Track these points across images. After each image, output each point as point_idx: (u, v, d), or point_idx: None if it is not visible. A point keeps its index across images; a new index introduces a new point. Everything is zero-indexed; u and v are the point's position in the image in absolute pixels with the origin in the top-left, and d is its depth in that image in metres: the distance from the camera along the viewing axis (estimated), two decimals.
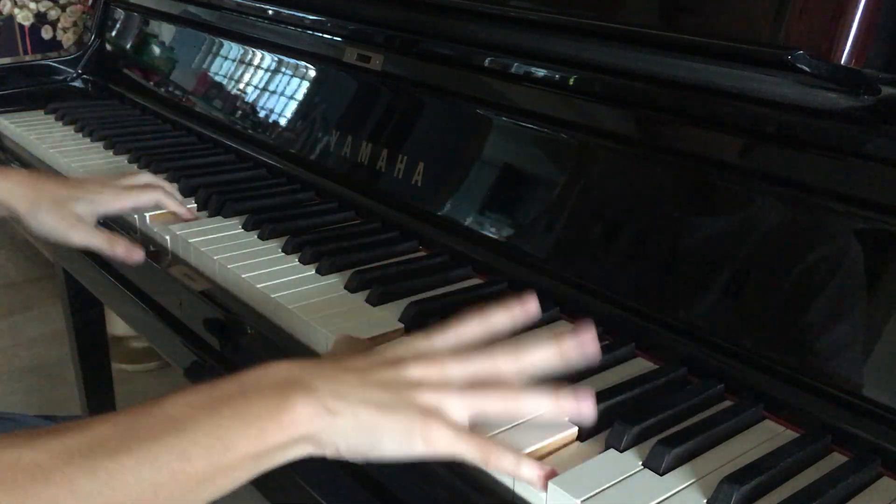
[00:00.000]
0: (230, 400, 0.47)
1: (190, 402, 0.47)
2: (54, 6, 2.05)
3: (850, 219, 0.59)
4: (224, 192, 0.99)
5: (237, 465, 0.47)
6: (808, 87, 0.62)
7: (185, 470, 0.45)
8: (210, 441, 0.46)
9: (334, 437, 0.49)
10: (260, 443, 0.47)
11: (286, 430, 0.47)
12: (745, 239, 0.64)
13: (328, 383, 0.50)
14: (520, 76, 0.84)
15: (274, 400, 0.48)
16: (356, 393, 0.50)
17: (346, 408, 0.49)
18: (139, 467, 0.44)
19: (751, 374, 0.62)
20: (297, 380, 0.49)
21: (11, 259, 2.63)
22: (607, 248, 0.72)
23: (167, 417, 0.46)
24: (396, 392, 0.51)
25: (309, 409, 0.48)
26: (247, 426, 0.47)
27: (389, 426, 0.49)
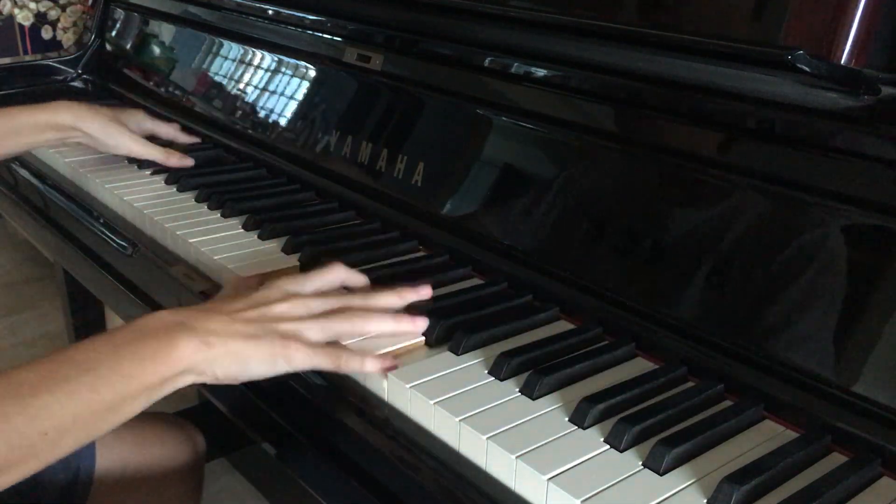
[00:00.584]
0: (127, 343, 0.59)
1: (95, 347, 0.58)
2: (54, 6, 2.05)
3: (850, 219, 0.59)
4: (224, 191, 1.00)
5: (137, 394, 0.58)
6: (808, 87, 0.62)
7: (95, 399, 0.56)
8: (114, 377, 0.57)
9: (212, 365, 0.60)
10: (155, 374, 0.58)
11: (173, 363, 0.59)
12: (744, 239, 0.64)
13: (205, 322, 0.61)
14: (520, 76, 0.84)
15: (163, 340, 0.59)
16: (227, 328, 0.61)
17: (219, 340, 0.60)
18: (59, 401, 0.54)
19: (751, 374, 0.62)
20: (181, 322, 0.60)
21: (11, 259, 2.63)
22: (607, 247, 0.72)
23: (76, 361, 0.56)
24: (261, 325, 0.63)
25: (191, 345, 0.59)
26: (142, 361, 0.58)
27: (255, 351, 0.61)
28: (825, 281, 0.59)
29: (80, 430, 0.56)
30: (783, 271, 0.61)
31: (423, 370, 0.64)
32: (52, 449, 0.55)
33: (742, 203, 0.65)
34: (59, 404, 0.54)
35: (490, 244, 0.81)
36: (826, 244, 0.60)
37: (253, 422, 0.75)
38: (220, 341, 0.60)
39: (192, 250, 0.87)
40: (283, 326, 0.63)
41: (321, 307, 0.66)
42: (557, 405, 0.61)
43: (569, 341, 0.69)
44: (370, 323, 0.67)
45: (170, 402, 2.03)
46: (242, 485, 1.62)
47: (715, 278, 0.65)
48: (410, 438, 0.60)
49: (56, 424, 0.54)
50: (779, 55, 0.58)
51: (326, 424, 0.66)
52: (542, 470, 0.53)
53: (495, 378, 0.64)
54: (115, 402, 0.57)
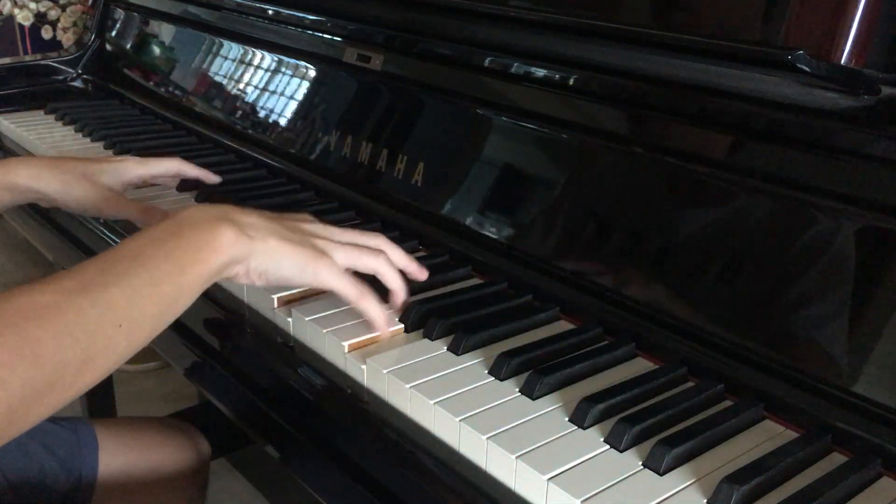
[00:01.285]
0: (174, 236, 0.61)
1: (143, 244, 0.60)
2: (54, 6, 2.04)
3: (850, 219, 0.59)
4: (224, 192, 0.99)
5: (193, 282, 0.60)
6: (808, 87, 0.62)
7: (158, 292, 0.58)
8: (170, 267, 0.59)
9: (249, 256, 0.64)
10: (205, 264, 0.61)
11: (220, 252, 0.62)
12: (744, 239, 0.64)
13: (246, 217, 0.65)
14: (520, 76, 0.84)
15: (209, 230, 0.62)
16: (266, 226, 0.65)
17: (258, 234, 0.64)
18: (126, 295, 0.56)
19: (751, 374, 0.62)
20: (222, 215, 0.63)
21: (11, 259, 2.62)
22: (607, 247, 0.72)
23: (132, 258, 0.58)
24: (294, 233, 0.67)
25: (233, 235, 0.63)
26: (193, 252, 0.61)
27: (289, 253, 0.65)
28: (825, 281, 0.59)
29: (147, 322, 0.58)
30: (783, 271, 0.61)
31: (423, 370, 0.64)
32: (128, 342, 0.57)
33: (742, 203, 0.65)
34: (126, 298, 0.56)
35: (490, 244, 0.81)
36: (826, 244, 0.60)
37: (254, 422, 0.75)
38: (259, 235, 0.64)
39: None
40: (317, 241, 0.67)
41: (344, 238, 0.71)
42: (557, 405, 0.61)
43: (569, 341, 0.69)
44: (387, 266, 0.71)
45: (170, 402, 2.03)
46: (243, 485, 1.62)
47: (715, 278, 0.65)
48: (410, 438, 0.60)
49: (128, 317, 0.56)
50: (779, 55, 0.58)
51: (327, 425, 0.66)
52: (542, 470, 0.53)
53: (495, 378, 0.64)
54: (174, 294, 0.59)
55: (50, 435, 0.89)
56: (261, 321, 0.76)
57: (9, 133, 1.30)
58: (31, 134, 1.25)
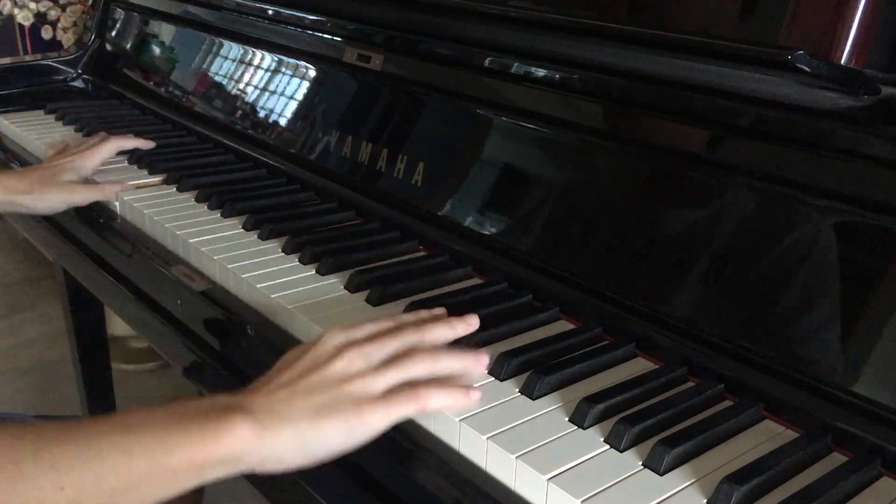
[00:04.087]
0: (177, 415, 0.52)
1: (141, 414, 0.52)
2: (54, 6, 2.05)
3: (850, 219, 0.59)
4: (224, 192, 0.99)
5: (176, 470, 0.51)
6: (808, 87, 0.62)
7: (126, 464, 0.49)
8: (153, 443, 0.50)
9: (278, 452, 0.54)
10: (200, 453, 0.51)
11: (225, 445, 0.52)
12: (745, 239, 0.64)
13: (264, 404, 0.54)
14: (520, 76, 0.84)
15: (216, 417, 0.52)
16: (290, 407, 0.54)
17: (283, 422, 0.54)
18: (83, 456, 0.48)
19: (751, 374, 0.62)
20: (237, 404, 0.54)
21: (11, 259, 2.62)
22: (608, 248, 0.72)
23: (118, 422, 0.51)
24: (325, 392, 0.56)
25: (246, 429, 0.52)
26: (189, 435, 0.51)
27: (329, 426, 0.54)
28: (825, 281, 0.59)
29: (104, 493, 0.49)
30: (783, 271, 0.61)
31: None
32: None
33: (742, 203, 0.65)
34: (82, 460, 0.48)
35: (490, 244, 0.81)
36: (826, 244, 0.60)
37: None
38: (288, 425, 0.54)
39: (191, 250, 0.87)
40: (350, 388, 0.56)
41: (381, 354, 0.59)
42: (557, 405, 0.61)
43: (569, 341, 0.69)
44: (440, 361, 0.60)
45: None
46: (243, 485, 1.62)
47: (715, 278, 0.65)
48: (410, 438, 0.60)
49: (77, 482, 0.48)
50: (779, 55, 0.58)
51: None
52: (542, 470, 0.53)
53: (495, 378, 0.64)
54: (149, 474, 0.50)
55: None
56: (261, 321, 0.76)
57: (9, 133, 1.30)
58: (31, 134, 1.25)
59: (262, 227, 0.89)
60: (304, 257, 0.83)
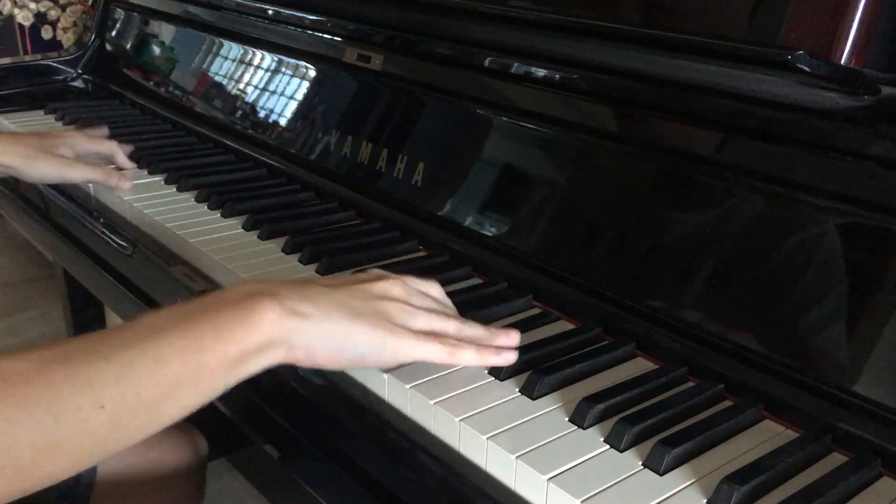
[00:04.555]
0: (202, 310, 0.50)
1: (164, 315, 0.50)
2: (54, 6, 2.05)
3: (850, 219, 0.59)
4: (224, 192, 0.99)
5: (212, 368, 0.49)
6: (808, 87, 0.62)
7: (161, 371, 0.47)
8: (184, 343, 0.48)
9: (308, 338, 0.52)
10: (232, 345, 0.49)
11: (255, 332, 0.50)
12: (745, 239, 0.64)
13: (295, 291, 0.53)
14: (520, 76, 0.84)
15: (243, 306, 0.51)
16: (326, 298, 0.53)
17: (317, 310, 0.52)
18: (116, 371, 0.46)
19: (751, 374, 0.62)
20: (264, 290, 0.52)
21: (11, 259, 2.63)
22: (608, 248, 0.72)
23: (143, 326, 0.48)
24: (364, 301, 0.55)
25: (274, 312, 0.51)
26: (218, 329, 0.49)
27: (363, 328, 0.54)
28: (825, 281, 0.59)
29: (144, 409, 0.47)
30: (783, 272, 0.61)
31: (422, 370, 0.64)
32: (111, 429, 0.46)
33: (742, 203, 0.65)
34: (116, 374, 0.45)
35: (490, 244, 0.81)
36: (826, 244, 0.60)
37: (254, 422, 0.75)
38: (319, 311, 0.52)
39: (192, 250, 0.87)
40: (390, 308, 0.55)
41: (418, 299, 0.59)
42: (557, 405, 0.61)
43: (569, 341, 0.69)
44: (471, 330, 0.61)
45: None
46: (243, 485, 1.62)
47: (715, 279, 0.65)
48: (410, 438, 0.60)
49: (115, 399, 0.45)
50: (779, 55, 0.58)
51: (327, 425, 0.66)
52: (542, 470, 0.53)
53: (495, 378, 0.64)
54: (185, 378, 0.48)
55: None
56: None
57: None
58: None
59: (262, 227, 0.89)
60: (303, 257, 0.83)
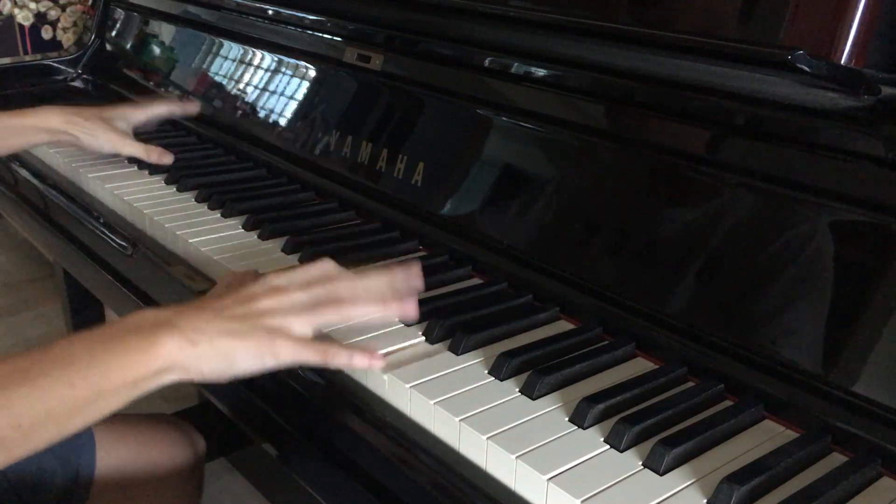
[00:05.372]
0: (107, 339, 0.58)
1: (74, 343, 0.58)
2: (54, 6, 2.05)
3: (850, 219, 0.59)
4: (224, 192, 0.99)
5: (115, 389, 0.57)
6: (808, 87, 0.62)
7: (72, 395, 0.55)
8: (90, 371, 0.56)
9: (197, 363, 0.60)
10: (133, 371, 0.58)
11: (154, 360, 0.58)
12: (745, 239, 0.64)
13: (189, 321, 0.61)
14: (520, 76, 0.84)
15: (144, 336, 0.59)
16: (212, 326, 0.61)
17: (204, 338, 0.60)
18: (34, 395, 0.54)
19: (751, 374, 0.62)
20: (164, 320, 0.60)
21: (11, 259, 2.63)
22: (608, 248, 0.72)
23: (55, 356, 0.57)
24: (246, 321, 0.62)
25: (173, 342, 0.59)
26: (121, 357, 0.57)
27: (242, 347, 0.61)
28: (825, 281, 0.59)
29: (54, 424, 0.56)
30: (783, 271, 0.61)
31: (422, 370, 0.64)
32: (25, 442, 0.55)
33: (742, 203, 0.65)
34: (34, 398, 0.54)
35: (490, 244, 0.81)
36: (826, 244, 0.60)
37: (253, 422, 0.75)
38: (205, 339, 0.60)
39: (192, 250, 0.87)
40: (269, 321, 0.63)
41: (307, 299, 0.65)
42: (557, 405, 0.61)
43: (569, 341, 0.69)
44: (357, 307, 0.66)
45: (170, 402, 2.03)
46: (242, 485, 1.62)
47: (715, 278, 0.65)
48: (410, 438, 0.60)
49: (30, 418, 0.54)
50: (779, 55, 0.58)
51: (326, 424, 0.66)
52: (542, 470, 0.53)
53: (495, 378, 0.64)
54: (91, 398, 0.57)
55: None
56: None
57: None
58: None
59: (262, 227, 0.89)
60: (304, 257, 0.83)
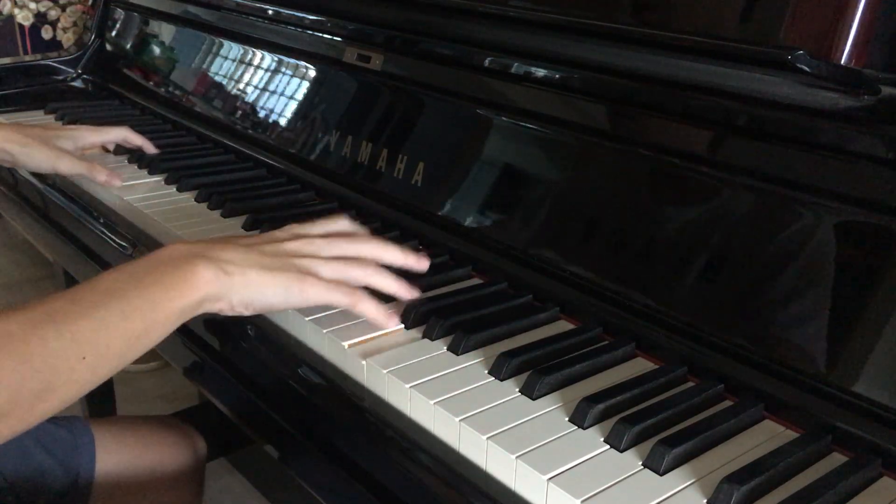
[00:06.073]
0: (150, 272, 0.62)
1: (118, 277, 0.61)
2: (54, 6, 2.05)
3: (850, 219, 0.59)
4: (224, 192, 1.00)
5: (164, 319, 0.61)
6: (808, 86, 0.62)
7: (126, 327, 0.59)
8: (142, 303, 0.59)
9: (230, 292, 0.64)
10: (178, 301, 0.61)
11: (196, 289, 0.62)
12: (744, 239, 0.64)
13: (222, 253, 0.64)
14: (520, 76, 0.84)
15: (184, 268, 0.62)
16: (245, 259, 0.65)
17: (237, 269, 0.64)
18: (94, 327, 0.57)
19: (751, 374, 0.62)
20: (199, 252, 0.64)
21: (11, 259, 2.63)
22: (608, 247, 0.72)
23: (106, 290, 0.59)
24: (276, 258, 0.66)
25: (210, 272, 0.63)
26: (167, 289, 0.61)
27: (272, 281, 0.65)
28: (825, 281, 0.59)
29: (114, 355, 0.58)
30: (783, 271, 0.61)
31: (423, 370, 0.64)
32: (91, 374, 0.57)
33: (742, 203, 0.65)
34: (94, 331, 0.57)
35: (490, 244, 0.81)
36: (827, 245, 0.60)
37: (253, 422, 0.75)
38: (238, 270, 0.64)
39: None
40: (298, 261, 0.67)
41: (331, 251, 0.69)
42: (557, 405, 0.61)
43: (569, 341, 0.69)
44: (378, 275, 0.70)
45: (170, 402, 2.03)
46: (243, 485, 1.62)
47: (715, 278, 0.65)
48: (410, 438, 0.60)
49: (93, 350, 0.57)
50: (779, 55, 0.58)
51: (326, 424, 0.66)
52: (542, 470, 0.53)
53: (495, 378, 0.64)
54: (144, 328, 0.60)
55: (48, 434, 0.89)
56: (260, 320, 0.76)
57: None
58: None
59: (262, 227, 0.89)
60: None
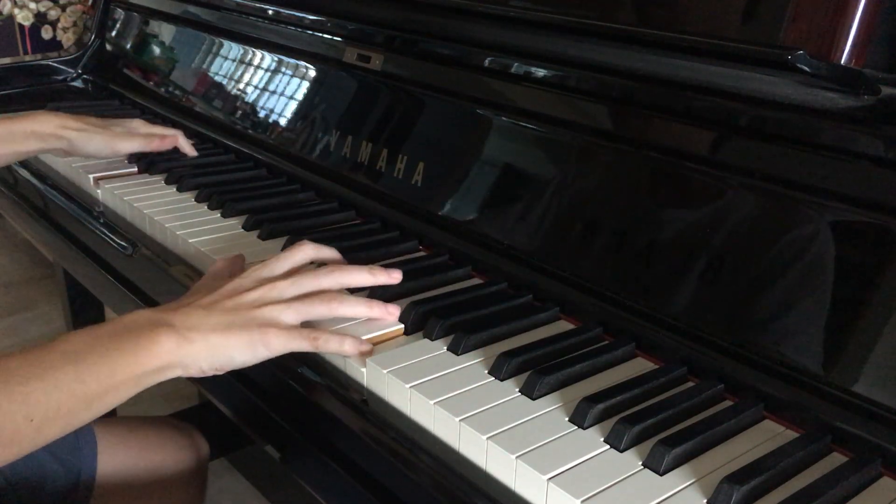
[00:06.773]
0: (111, 337, 0.61)
1: (80, 339, 0.61)
2: (54, 6, 2.05)
3: (850, 219, 0.59)
4: (224, 192, 1.00)
5: (121, 385, 0.61)
6: (808, 87, 0.62)
7: (81, 390, 0.58)
8: (99, 368, 0.59)
9: (196, 360, 0.63)
10: (136, 368, 0.61)
11: (156, 357, 0.62)
12: (744, 239, 0.64)
13: (184, 319, 0.64)
14: (520, 76, 0.84)
15: (146, 335, 0.62)
16: (205, 322, 0.64)
17: (199, 335, 0.63)
18: (46, 389, 0.57)
19: (751, 374, 0.62)
20: (162, 320, 0.64)
21: (11, 259, 2.63)
22: (608, 247, 0.72)
23: (64, 352, 0.59)
24: (237, 314, 0.65)
25: (171, 342, 0.62)
26: (126, 355, 0.61)
27: (236, 342, 0.64)
28: (825, 281, 0.59)
29: (64, 418, 0.58)
30: (783, 271, 0.61)
31: (422, 370, 0.64)
32: (37, 435, 0.57)
33: (742, 204, 0.65)
34: (46, 392, 0.57)
35: (490, 244, 0.81)
36: (827, 245, 0.60)
37: (253, 422, 0.75)
38: (200, 336, 0.63)
39: (191, 250, 0.87)
40: (259, 313, 0.66)
41: (294, 291, 0.68)
42: (557, 405, 0.61)
43: (569, 341, 0.69)
44: (344, 305, 0.69)
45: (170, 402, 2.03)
46: (243, 485, 1.62)
47: (715, 278, 0.65)
48: (410, 438, 0.60)
49: (42, 411, 0.56)
50: (779, 55, 0.58)
51: (327, 425, 0.66)
52: (542, 470, 0.53)
53: (495, 378, 0.64)
54: (99, 392, 0.59)
55: None
56: None
57: None
58: None
59: (262, 227, 0.89)
60: None
